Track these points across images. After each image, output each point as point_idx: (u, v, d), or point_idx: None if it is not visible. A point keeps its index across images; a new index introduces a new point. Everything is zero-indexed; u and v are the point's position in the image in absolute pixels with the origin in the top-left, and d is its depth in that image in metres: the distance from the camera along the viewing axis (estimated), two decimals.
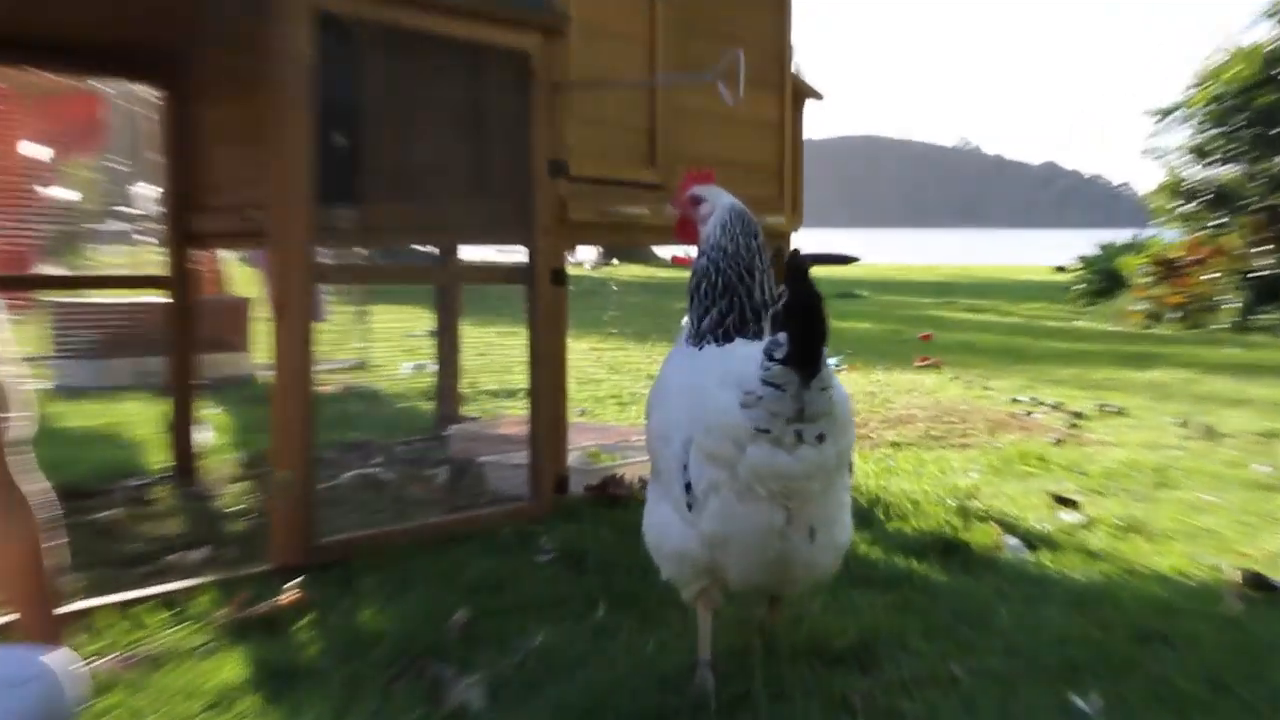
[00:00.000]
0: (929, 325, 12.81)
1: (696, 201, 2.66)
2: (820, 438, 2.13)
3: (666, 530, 2.33)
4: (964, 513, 3.74)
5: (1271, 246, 13.35)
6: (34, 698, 1.81)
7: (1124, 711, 2.22)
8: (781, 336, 2.07)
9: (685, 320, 2.58)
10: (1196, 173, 15.13)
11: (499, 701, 2.25)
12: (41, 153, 7.60)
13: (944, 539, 3.35)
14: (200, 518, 3.73)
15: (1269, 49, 14.38)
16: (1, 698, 1.76)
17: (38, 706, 1.81)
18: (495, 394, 6.35)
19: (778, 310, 2.09)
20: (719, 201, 2.61)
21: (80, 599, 2.70)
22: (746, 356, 2.22)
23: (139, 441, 4.99)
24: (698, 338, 2.48)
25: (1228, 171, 14.80)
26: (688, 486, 2.25)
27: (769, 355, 2.09)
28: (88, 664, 2.31)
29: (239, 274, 9.33)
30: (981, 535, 3.41)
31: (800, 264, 2.07)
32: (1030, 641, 2.57)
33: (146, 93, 4.57)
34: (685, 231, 2.73)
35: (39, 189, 7.63)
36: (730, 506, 2.20)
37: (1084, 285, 16.51)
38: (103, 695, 2.22)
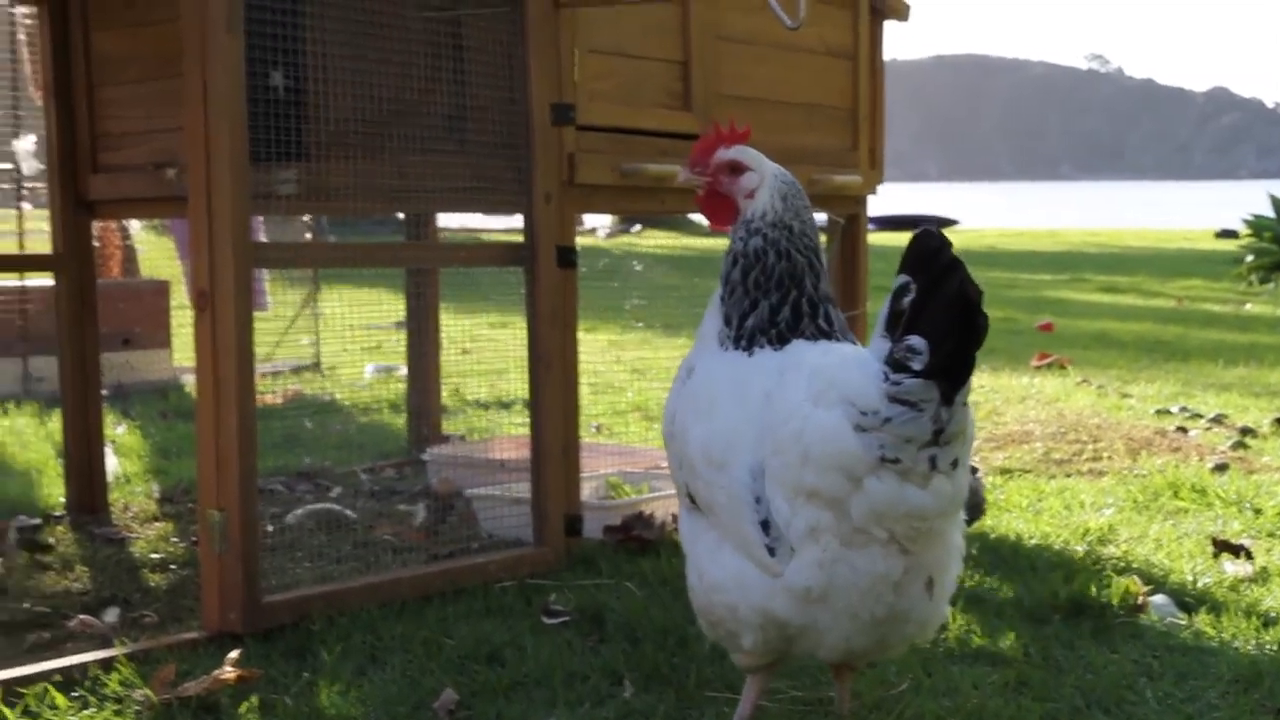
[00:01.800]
0: (1050, 311, 12.78)
1: (737, 169, 2.67)
2: (955, 464, 2.22)
3: (741, 587, 2.34)
4: (1096, 562, 3.76)
5: None
6: None
7: None
8: (916, 341, 2.14)
9: (711, 312, 2.59)
10: None
11: None
12: None
13: (1070, 597, 3.37)
14: (109, 569, 3.77)
15: None
16: None
17: None
18: (485, 406, 6.39)
19: (899, 307, 2.16)
20: (765, 169, 2.64)
21: None
22: (848, 362, 2.27)
23: (25, 469, 5.05)
24: (740, 339, 2.51)
25: None
26: (764, 525, 2.30)
27: (901, 365, 2.15)
28: None
29: (154, 250, 9.39)
30: (1119, 592, 3.43)
31: (938, 245, 2.14)
32: None
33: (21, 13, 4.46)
34: (716, 208, 2.69)
35: None
36: (833, 554, 2.26)
37: (1258, 256, 16.42)
38: None
